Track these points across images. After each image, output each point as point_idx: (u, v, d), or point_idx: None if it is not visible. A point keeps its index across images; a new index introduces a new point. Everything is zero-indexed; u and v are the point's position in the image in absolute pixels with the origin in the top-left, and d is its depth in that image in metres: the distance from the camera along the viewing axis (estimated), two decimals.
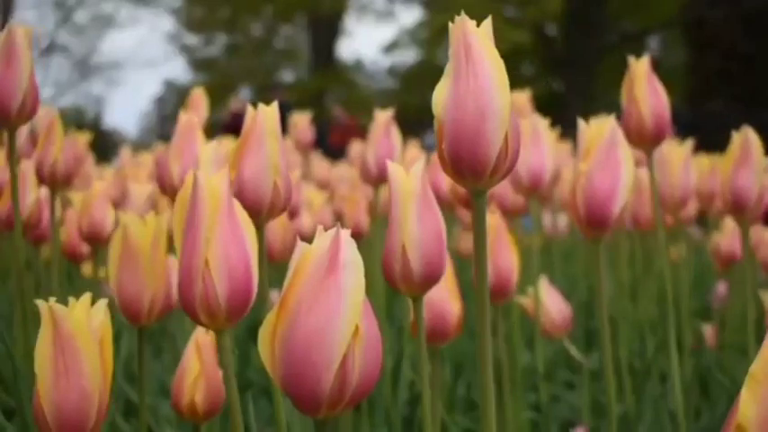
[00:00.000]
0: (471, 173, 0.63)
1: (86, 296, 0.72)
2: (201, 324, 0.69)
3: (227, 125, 6.09)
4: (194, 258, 0.67)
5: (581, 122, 0.94)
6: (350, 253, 0.53)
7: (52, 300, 0.70)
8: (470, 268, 2.13)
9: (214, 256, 0.67)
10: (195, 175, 0.68)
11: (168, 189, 1.29)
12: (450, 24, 0.63)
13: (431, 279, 0.82)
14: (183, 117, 1.31)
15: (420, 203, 0.81)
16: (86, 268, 2.07)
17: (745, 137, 1.19)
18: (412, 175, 0.81)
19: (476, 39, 0.62)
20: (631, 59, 1.16)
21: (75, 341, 0.69)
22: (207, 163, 0.98)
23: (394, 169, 0.82)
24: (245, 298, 0.68)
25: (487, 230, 0.66)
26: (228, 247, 0.67)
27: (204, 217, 0.68)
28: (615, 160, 0.89)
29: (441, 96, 0.63)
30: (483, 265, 0.66)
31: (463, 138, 0.62)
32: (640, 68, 1.16)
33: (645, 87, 1.15)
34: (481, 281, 0.66)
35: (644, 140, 1.15)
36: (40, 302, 0.70)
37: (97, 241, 1.54)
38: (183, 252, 0.68)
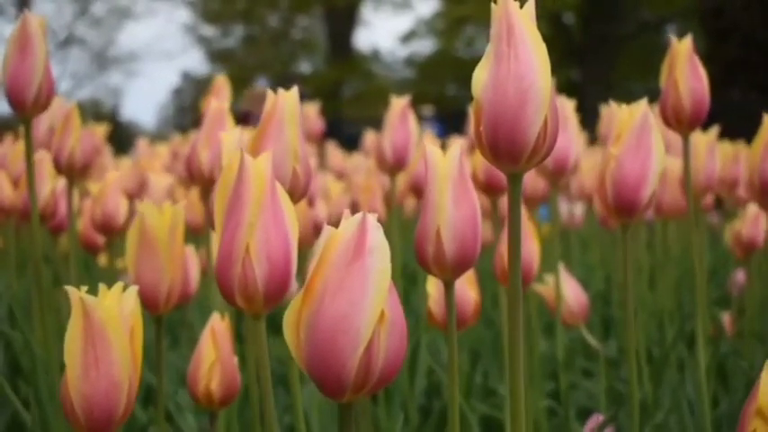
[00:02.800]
0: (508, 156, 0.62)
1: (118, 285, 0.71)
2: (238, 308, 0.69)
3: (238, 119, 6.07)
4: (236, 241, 0.67)
5: (613, 105, 0.93)
6: (376, 238, 0.53)
7: (84, 289, 0.70)
8: (488, 256, 2.12)
9: (255, 240, 0.67)
10: (242, 158, 0.68)
11: (197, 176, 1.28)
12: (492, 5, 0.63)
13: (464, 263, 0.81)
14: (213, 104, 1.30)
15: (456, 186, 0.80)
16: (103, 259, 2.08)
17: None
18: (449, 157, 0.81)
19: (518, 20, 0.62)
20: (674, 39, 1.13)
21: (106, 331, 0.68)
22: (231, 149, 0.97)
23: (432, 151, 0.81)
24: (283, 283, 0.68)
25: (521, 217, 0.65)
26: (270, 231, 0.67)
27: (249, 200, 0.67)
28: (647, 146, 0.88)
29: (481, 78, 0.62)
30: (516, 251, 0.65)
31: (502, 120, 0.61)
32: (682, 49, 1.12)
33: (686, 69, 1.11)
34: (514, 268, 0.65)
35: (681, 123, 1.12)
36: (71, 290, 0.69)
37: (110, 231, 1.54)
38: (225, 234, 0.68)
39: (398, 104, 1.59)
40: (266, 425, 0.73)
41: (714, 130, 1.69)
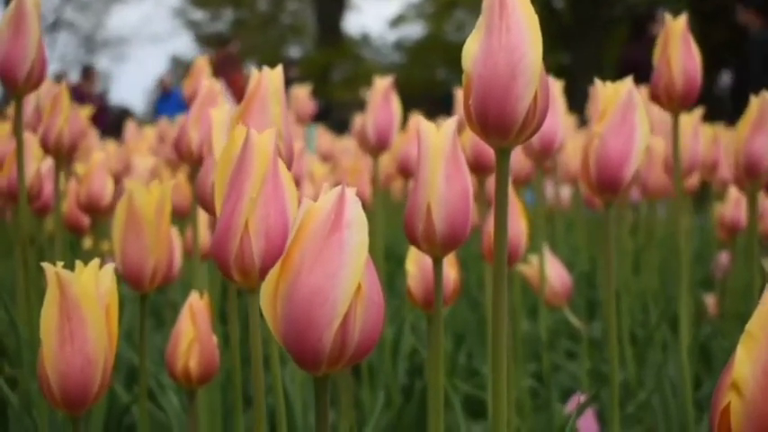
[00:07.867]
0: (497, 130, 0.61)
1: (94, 262, 0.71)
2: (233, 281, 0.69)
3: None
4: (235, 215, 0.68)
5: (598, 83, 0.92)
6: (354, 211, 0.52)
7: (59, 264, 0.70)
8: (473, 239, 2.13)
9: (255, 216, 0.67)
10: (248, 133, 0.68)
11: (186, 155, 1.28)
12: None
13: (454, 240, 0.80)
14: (205, 83, 1.30)
15: (449, 162, 0.79)
16: (88, 241, 2.08)
17: (764, 101, 1.16)
18: (442, 132, 0.80)
19: None
20: (668, 17, 1.13)
21: (82, 307, 0.69)
22: (220, 127, 0.97)
23: (424, 126, 0.80)
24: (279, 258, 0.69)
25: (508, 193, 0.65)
26: (270, 207, 0.68)
27: (251, 176, 0.68)
28: (631, 123, 0.87)
29: (471, 50, 0.61)
30: (503, 226, 0.65)
31: (492, 94, 0.60)
32: (677, 27, 1.11)
33: (679, 47, 1.10)
34: (500, 243, 0.65)
35: (672, 102, 1.11)
36: (47, 266, 0.69)
37: (95, 211, 1.54)
38: (225, 207, 0.68)
39: (381, 85, 1.58)
40: (257, 397, 0.73)
41: (698, 112, 1.69)
